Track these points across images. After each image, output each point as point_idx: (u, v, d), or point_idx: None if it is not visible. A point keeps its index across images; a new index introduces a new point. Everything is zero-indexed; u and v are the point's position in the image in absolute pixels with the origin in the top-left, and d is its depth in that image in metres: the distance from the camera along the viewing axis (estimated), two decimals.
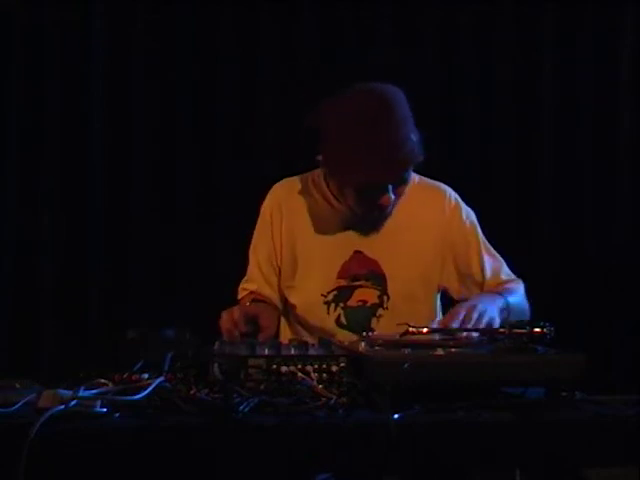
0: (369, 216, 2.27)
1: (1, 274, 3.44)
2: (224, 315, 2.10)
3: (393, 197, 2.20)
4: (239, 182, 3.50)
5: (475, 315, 1.96)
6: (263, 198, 2.44)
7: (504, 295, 2.17)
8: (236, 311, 2.10)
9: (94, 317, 3.47)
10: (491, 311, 2.02)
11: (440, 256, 2.33)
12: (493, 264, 2.35)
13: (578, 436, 1.54)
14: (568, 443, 1.53)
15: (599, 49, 3.70)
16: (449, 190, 2.41)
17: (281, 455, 1.45)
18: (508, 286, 2.30)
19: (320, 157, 2.23)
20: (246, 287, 2.42)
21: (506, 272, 2.37)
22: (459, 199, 2.40)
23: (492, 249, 2.38)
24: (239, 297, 2.43)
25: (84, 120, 3.50)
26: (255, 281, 2.40)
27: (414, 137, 2.15)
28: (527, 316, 2.27)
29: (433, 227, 2.33)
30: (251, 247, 2.43)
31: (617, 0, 3.69)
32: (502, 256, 2.39)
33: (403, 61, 3.59)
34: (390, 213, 2.28)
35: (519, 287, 2.32)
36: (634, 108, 3.70)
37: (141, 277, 3.50)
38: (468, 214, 2.38)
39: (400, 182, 2.20)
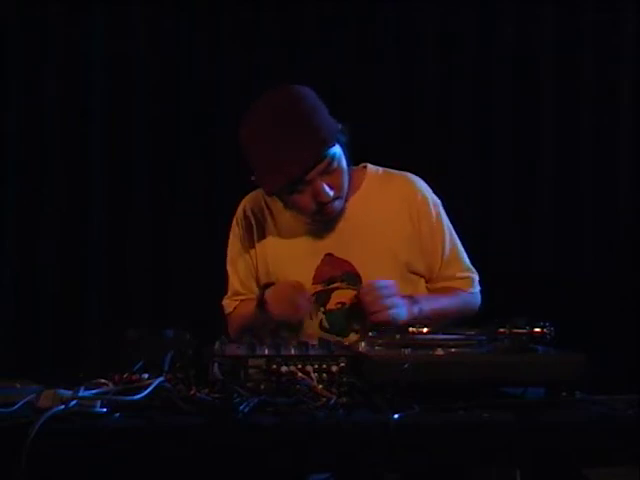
0: (319, 217, 2.24)
1: (2, 274, 3.45)
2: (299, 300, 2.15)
3: (331, 192, 2.17)
4: (240, 183, 3.49)
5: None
6: None
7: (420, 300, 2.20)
8: (301, 292, 2.16)
9: (94, 317, 3.47)
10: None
11: (408, 243, 2.31)
12: (451, 258, 2.35)
13: (578, 436, 1.54)
14: (568, 443, 1.53)
15: (600, 48, 3.70)
16: (416, 179, 2.38)
17: (281, 455, 1.45)
18: (447, 285, 2.34)
19: (252, 177, 2.22)
20: (236, 299, 2.42)
21: (463, 266, 2.37)
22: (426, 187, 2.37)
23: (457, 240, 2.37)
24: (228, 311, 2.43)
25: (84, 120, 3.51)
26: (242, 294, 2.41)
27: (324, 125, 2.13)
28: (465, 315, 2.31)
29: (400, 216, 2.31)
30: (228, 262, 2.43)
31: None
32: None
33: (402, 61, 3.60)
34: (343, 208, 2.26)
35: (459, 291, 2.34)
36: (635, 108, 3.71)
37: (141, 277, 3.50)
38: (435, 203, 2.36)
39: (327, 171, 2.15)
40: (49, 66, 3.48)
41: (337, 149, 2.18)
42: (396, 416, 1.45)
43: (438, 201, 2.37)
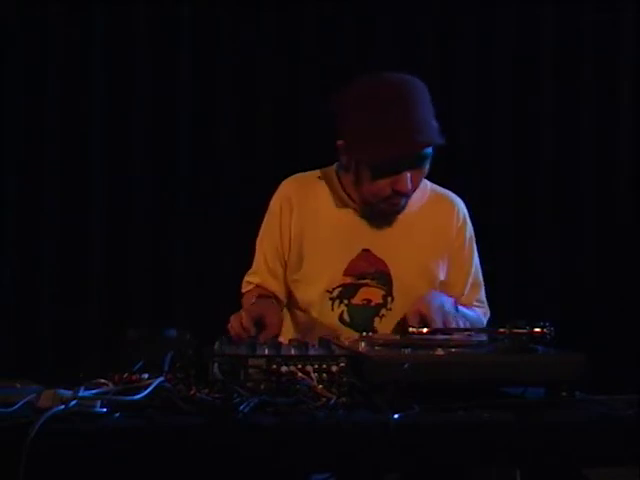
0: (383, 206, 2.23)
1: (1, 274, 3.45)
2: (233, 321, 2.10)
3: (410, 185, 2.17)
4: (240, 182, 3.50)
5: (436, 316, 2.03)
6: (264, 198, 2.43)
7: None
8: (244, 317, 2.10)
9: (94, 317, 3.47)
10: (447, 302, 2.12)
11: (441, 262, 2.33)
12: (472, 290, 2.38)
13: (578, 436, 1.54)
14: (568, 443, 1.53)
15: (600, 48, 3.70)
16: (459, 202, 2.41)
17: (281, 455, 1.45)
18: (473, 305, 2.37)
19: (340, 141, 2.21)
20: (250, 280, 2.42)
21: (480, 298, 2.40)
22: (466, 214, 2.40)
23: (479, 274, 2.40)
24: (243, 290, 2.43)
25: (84, 120, 3.51)
26: (260, 274, 2.39)
27: (434, 122, 2.17)
28: None
29: (441, 235, 2.34)
30: (258, 239, 2.42)
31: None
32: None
33: (402, 60, 3.59)
34: (402, 209, 2.26)
35: (480, 312, 2.37)
36: (635, 108, 3.71)
37: (141, 277, 3.50)
38: (472, 234, 2.39)
39: (417, 165, 2.17)
40: (49, 66, 3.48)
41: (430, 152, 2.19)
42: (396, 416, 1.45)
43: (472, 230, 2.40)
